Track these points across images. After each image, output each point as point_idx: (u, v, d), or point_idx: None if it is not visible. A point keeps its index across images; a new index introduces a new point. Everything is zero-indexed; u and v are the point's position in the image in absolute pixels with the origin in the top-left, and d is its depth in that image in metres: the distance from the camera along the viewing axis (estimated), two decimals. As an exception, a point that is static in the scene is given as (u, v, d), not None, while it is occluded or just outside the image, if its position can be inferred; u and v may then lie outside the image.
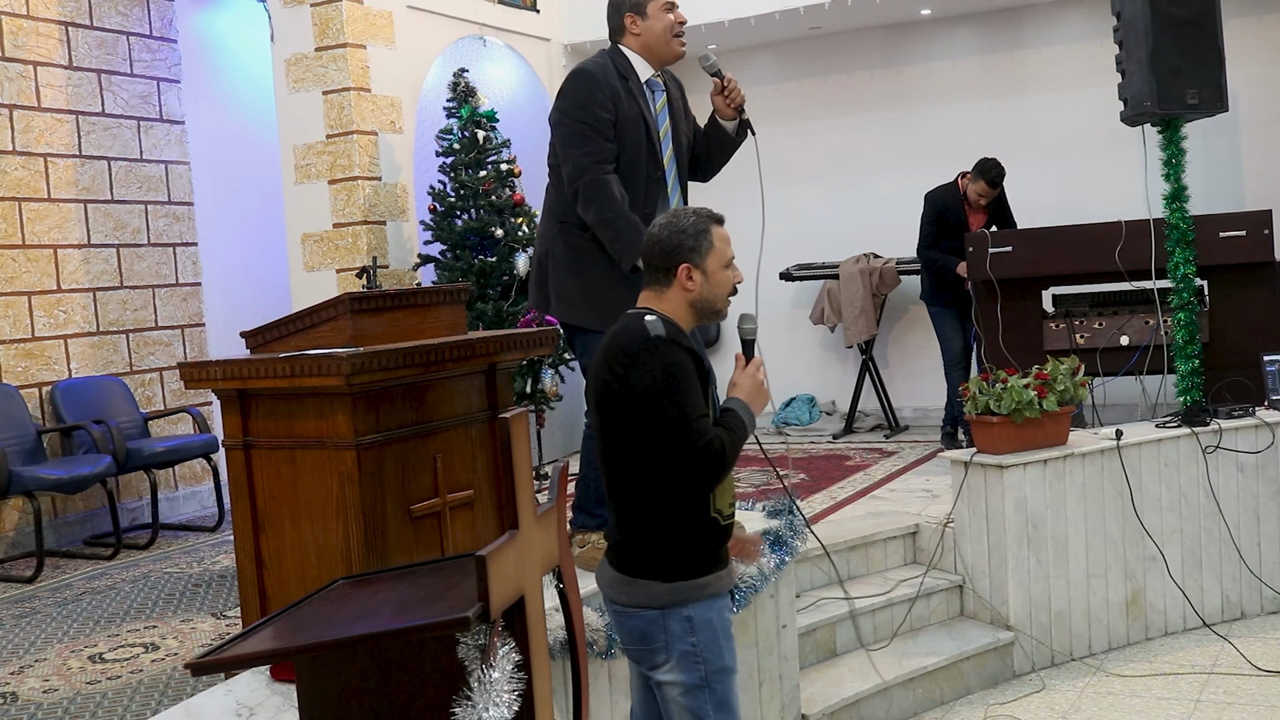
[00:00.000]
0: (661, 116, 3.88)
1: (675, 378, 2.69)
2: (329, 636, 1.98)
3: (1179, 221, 5.71)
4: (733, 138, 3.97)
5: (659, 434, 2.69)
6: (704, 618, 2.80)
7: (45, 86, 7.21)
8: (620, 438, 2.77)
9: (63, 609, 5.49)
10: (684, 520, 2.78)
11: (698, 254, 2.82)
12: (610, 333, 2.84)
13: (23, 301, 7.02)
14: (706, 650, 2.79)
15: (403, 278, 7.38)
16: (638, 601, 2.78)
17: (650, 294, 2.88)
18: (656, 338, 2.70)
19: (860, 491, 6.48)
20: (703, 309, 2.87)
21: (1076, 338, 6.35)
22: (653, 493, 2.75)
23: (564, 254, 3.82)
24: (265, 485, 3.53)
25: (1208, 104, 5.62)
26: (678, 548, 2.78)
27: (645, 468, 2.74)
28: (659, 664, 2.81)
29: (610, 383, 2.76)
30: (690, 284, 2.83)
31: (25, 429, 6.70)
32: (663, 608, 2.76)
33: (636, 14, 3.83)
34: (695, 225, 2.84)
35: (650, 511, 2.77)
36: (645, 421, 2.70)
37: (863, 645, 4.74)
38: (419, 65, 7.74)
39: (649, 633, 2.78)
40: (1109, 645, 5.07)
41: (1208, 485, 5.20)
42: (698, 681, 2.79)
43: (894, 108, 9.13)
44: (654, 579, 2.77)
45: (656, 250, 2.85)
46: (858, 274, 8.64)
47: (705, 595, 2.80)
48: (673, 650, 2.78)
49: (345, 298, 3.66)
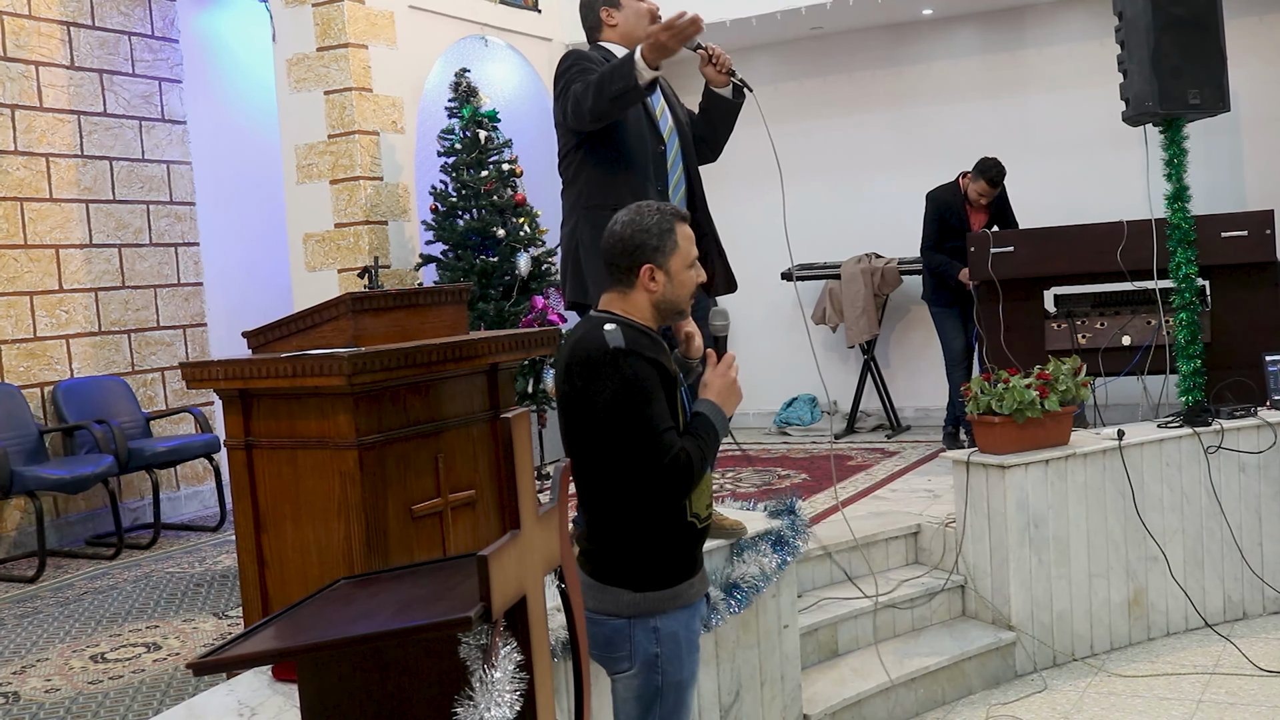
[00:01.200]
0: (655, 99, 3.90)
1: (637, 391, 2.62)
2: (331, 636, 1.98)
3: (1181, 221, 5.71)
4: (731, 101, 4.00)
5: (625, 447, 2.64)
6: (670, 629, 2.77)
7: (47, 86, 7.22)
8: (586, 447, 2.72)
9: (65, 609, 5.50)
10: (657, 527, 2.74)
11: (661, 254, 2.74)
12: (570, 341, 2.77)
13: (25, 301, 7.02)
14: (668, 662, 2.76)
15: (404, 278, 7.38)
16: (606, 609, 2.74)
17: (614, 295, 2.82)
18: (616, 350, 2.63)
19: (862, 491, 6.47)
20: (665, 309, 2.80)
21: (1078, 338, 6.35)
22: (623, 501, 2.72)
23: (590, 238, 3.73)
24: (267, 485, 3.54)
25: (1209, 104, 5.61)
26: (650, 556, 2.75)
27: (613, 477, 2.69)
28: (620, 670, 2.79)
29: (571, 395, 2.71)
30: (653, 285, 2.75)
31: (27, 429, 6.71)
32: (630, 617, 2.73)
33: (610, 6, 3.88)
34: (659, 224, 2.75)
35: (622, 519, 2.73)
36: (610, 434, 2.65)
37: (864, 645, 4.74)
38: (421, 65, 7.74)
39: (614, 640, 2.76)
40: (1111, 645, 5.07)
41: (1209, 485, 5.20)
42: (652, 692, 2.77)
43: (895, 107, 9.13)
44: (623, 587, 2.73)
45: (619, 249, 2.76)
46: (859, 274, 8.64)
47: (674, 606, 2.77)
48: (635, 658, 2.75)
49: (347, 298, 3.66)
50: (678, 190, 3.90)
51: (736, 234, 9.22)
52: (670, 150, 3.89)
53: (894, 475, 6.92)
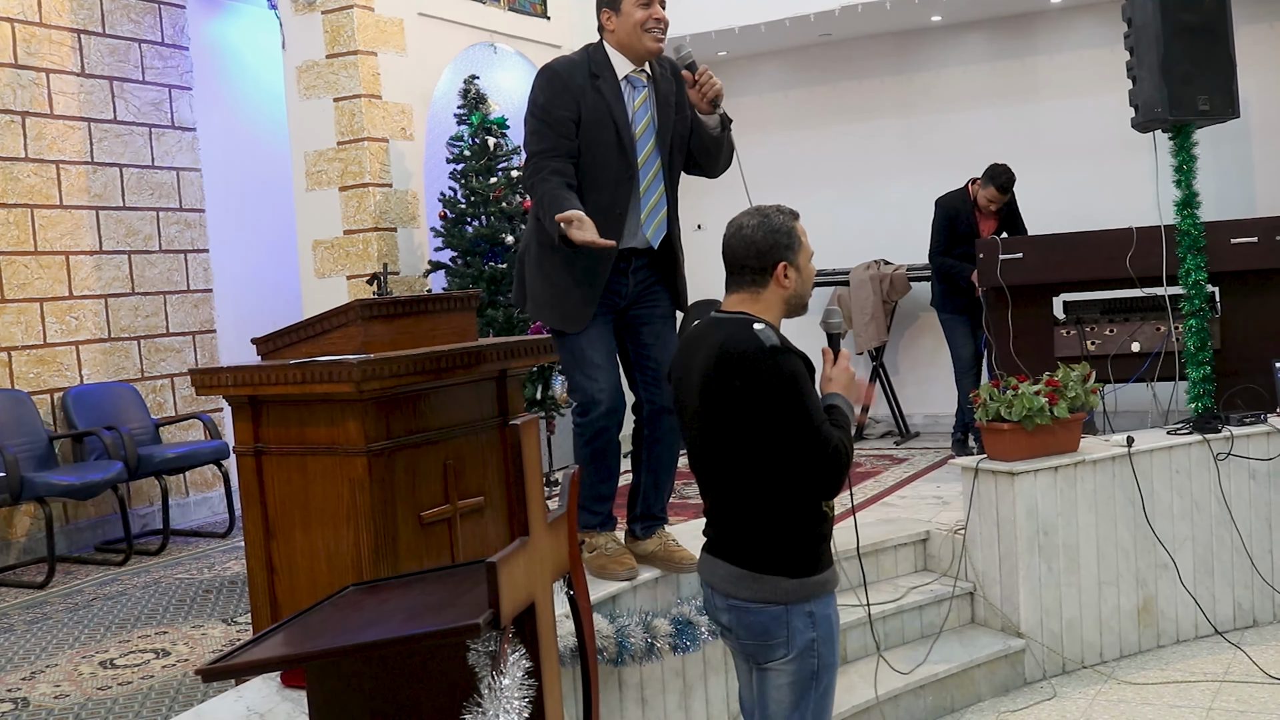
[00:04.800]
0: (641, 112, 3.78)
1: (799, 385, 2.73)
2: (340, 643, 1.98)
3: (1190, 228, 5.70)
4: (714, 135, 3.85)
5: (788, 440, 2.72)
6: (824, 613, 2.86)
7: (57, 94, 7.24)
8: (738, 444, 2.78)
9: (74, 615, 5.51)
10: (803, 518, 2.83)
11: (792, 251, 2.86)
12: (717, 343, 2.81)
13: (35, 308, 7.04)
14: (824, 645, 2.85)
15: (413, 284, 7.39)
16: (763, 597, 2.81)
17: (745, 296, 2.89)
18: (773, 347, 2.72)
19: (871, 498, 6.46)
20: (795, 304, 2.92)
21: (1087, 344, 6.33)
22: (775, 494, 2.79)
23: (536, 253, 3.80)
24: (276, 491, 3.54)
25: (1219, 110, 5.60)
26: (803, 544, 2.84)
27: (770, 470, 2.77)
28: (775, 658, 2.85)
29: (727, 393, 2.76)
30: (787, 281, 2.86)
31: (37, 435, 6.72)
32: (788, 603, 2.81)
33: (611, 9, 3.77)
34: (785, 223, 2.87)
35: (776, 510, 2.81)
36: (772, 429, 2.73)
37: (873, 652, 4.73)
38: (430, 72, 7.75)
39: (771, 628, 2.82)
40: (1120, 653, 5.06)
41: (1219, 492, 5.18)
42: (809, 676, 2.85)
43: (904, 114, 9.12)
44: (780, 575, 2.81)
45: (752, 251, 2.86)
46: (868, 280, 8.63)
47: (825, 591, 2.87)
48: (794, 644, 2.82)
49: (356, 304, 3.67)
50: (657, 213, 3.79)
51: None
52: (645, 174, 3.77)
53: (903, 482, 6.91)
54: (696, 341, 2.90)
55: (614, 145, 3.72)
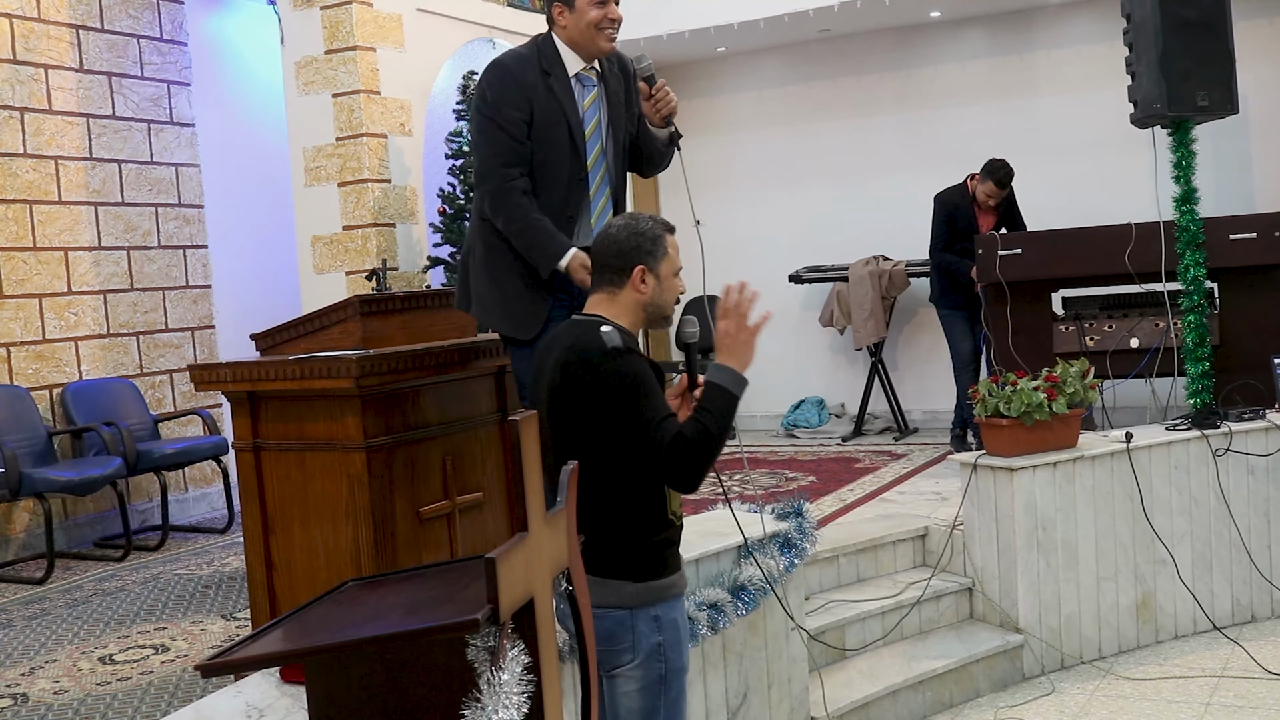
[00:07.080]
0: (591, 112, 3.62)
1: (638, 387, 2.73)
2: (339, 638, 1.99)
3: (1189, 224, 5.70)
4: (661, 148, 3.72)
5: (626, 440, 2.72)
6: (670, 617, 2.86)
7: (56, 89, 7.24)
8: (584, 445, 2.78)
9: (73, 610, 5.51)
10: (647, 522, 2.83)
11: (653, 258, 2.87)
12: (564, 346, 2.83)
13: (34, 304, 7.04)
14: (671, 649, 2.84)
15: (412, 280, 7.39)
16: (607, 602, 2.79)
17: (603, 296, 2.90)
18: (614, 349, 2.73)
19: (870, 494, 6.47)
20: (653, 313, 2.92)
21: (1086, 340, 6.34)
22: (621, 496, 2.79)
23: (482, 254, 3.63)
24: (275, 487, 3.55)
25: (1218, 106, 5.61)
26: (647, 548, 2.84)
27: (612, 472, 2.77)
28: (622, 663, 2.83)
29: (569, 394, 2.78)
30: (644, 286, 2.87)
31: (36, 431, 6.72)
32: (632, 607, 2.80)
33: (565, 4, 3.55)
34: (653, 230, 2.89)
35: (620, 513, 2.80)
36: (611, 430, 2.74)
37: (872, 648, 4.74)
38: (429, 68, 7.75)
39: (616, 632, 2.81)
40: (1119, 648, 5.06)
41: (1218, 488, 5.19)
42: (656, 679, 2.83)
43: (903, 110, 9.12)
44: (624, 579, 2.80)
45: (613, 250, 2.88)
46: (867, 276, 8.63)
47: (670, 595, 2.87)
48: (639, 649, 2.81)
49: (355, 300, 3.67)
50: (606, 214, 3.66)
51: (742, 236, 9.25)
52: (595, 175, 3.64)
53: (901, 478, 6.92)
54: (552, 342, 2.92)
55: (567, 146, 3.57)
